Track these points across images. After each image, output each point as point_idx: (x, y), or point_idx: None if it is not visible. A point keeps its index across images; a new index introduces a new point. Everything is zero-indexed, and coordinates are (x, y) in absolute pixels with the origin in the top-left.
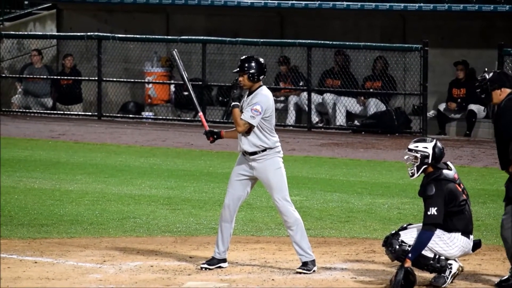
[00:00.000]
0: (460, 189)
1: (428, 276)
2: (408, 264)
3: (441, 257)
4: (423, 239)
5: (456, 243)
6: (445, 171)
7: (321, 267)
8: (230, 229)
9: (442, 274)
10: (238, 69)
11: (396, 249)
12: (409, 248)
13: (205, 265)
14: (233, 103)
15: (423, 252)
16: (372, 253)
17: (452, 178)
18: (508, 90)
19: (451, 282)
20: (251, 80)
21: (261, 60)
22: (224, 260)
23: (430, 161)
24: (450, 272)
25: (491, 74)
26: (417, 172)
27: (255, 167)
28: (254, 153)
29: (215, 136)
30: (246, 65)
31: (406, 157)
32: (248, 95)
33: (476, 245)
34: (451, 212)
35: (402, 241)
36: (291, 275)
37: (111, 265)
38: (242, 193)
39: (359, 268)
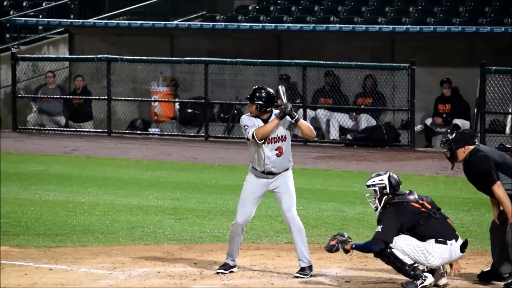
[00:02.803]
0: (418, 205)
1: (401, 279)
2: (348, 247)
3: (418, 266)
4: (367, 248)
5: (433, 253)
6: (399, 197)
7: (317, 272)
8: (241, 239)
9: (414, 281)
10: (248, 96)
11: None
12: (394, 251)
13: (221, 270)
14: (296, 116)
15: (402, 257)
16: (364, 259)
17: (405, 200)
18: (471, 147)
19: None
20: (258, 110)
21: (272, 92)
22: (235, 266)
23: (388, 191)
24: (422, 283)
25: (453, 135)
26: (380, 204)
27: (275, 180)
28: (282, 170)
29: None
30: (257, 95)
31: (367, 194)
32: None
33: (463, 245)
34: (416, 225)
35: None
36: (289, 280)
37: (121, 271)
38: (254, 210)
39: (352, 272)
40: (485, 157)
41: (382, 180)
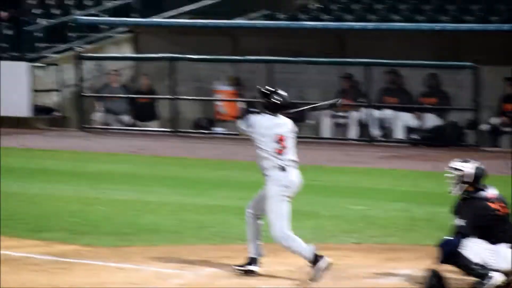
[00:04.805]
0: (497, 207)
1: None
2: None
3: (486, 266)
4: (451, 244)
5: (502, 255)
6: (479, 192)
7: (387, 273)
8: (253, 231)
9: (483, 281)
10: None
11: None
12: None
13: (237, 267)
14: None
15: (472, 257)
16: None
17: (484, 197)
18: None
19: None
20: None
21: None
22: (253, 263)
23: (469, 181)
24: (489, 280)
25: None
26: (458, 191)
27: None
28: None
29: None
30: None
31: (448, 174)
32: None
33: None
34: (488, 226)
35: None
36: (361, 280)
37: (190, 271)
38: (256, 205)
39: (423, 274)
40: None
41: (465, 167)
